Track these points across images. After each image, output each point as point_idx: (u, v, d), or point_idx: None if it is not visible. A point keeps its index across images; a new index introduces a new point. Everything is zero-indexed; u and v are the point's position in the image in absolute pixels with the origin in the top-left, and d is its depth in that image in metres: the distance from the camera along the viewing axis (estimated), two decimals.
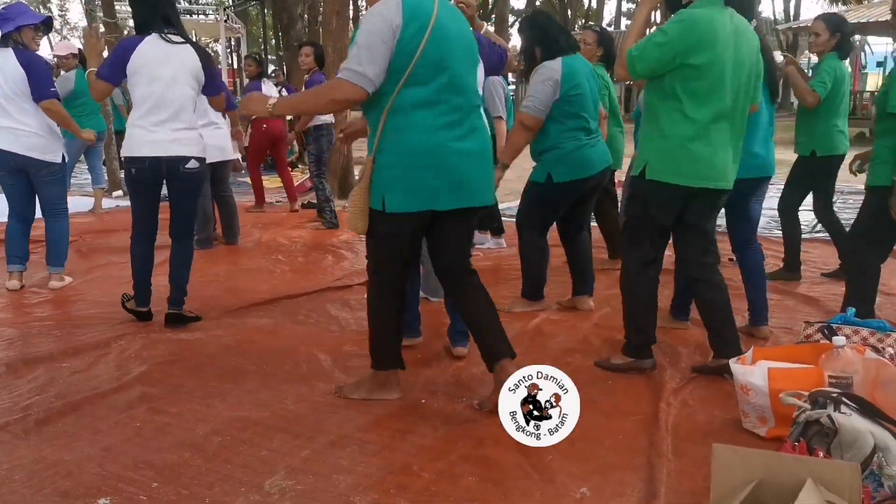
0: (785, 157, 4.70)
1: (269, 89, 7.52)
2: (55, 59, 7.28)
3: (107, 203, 7.95)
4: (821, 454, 1.99)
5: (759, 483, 1.69)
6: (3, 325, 3.81)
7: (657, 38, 2.81)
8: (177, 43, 3.57)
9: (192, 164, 3.65)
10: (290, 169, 10.21)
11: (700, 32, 2.77)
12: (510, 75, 21.16)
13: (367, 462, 2.36)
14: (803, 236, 4.94)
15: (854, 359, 2.44)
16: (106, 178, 8.31)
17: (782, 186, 4.78)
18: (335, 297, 4.38)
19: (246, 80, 9.20)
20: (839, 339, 2.51)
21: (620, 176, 5.48)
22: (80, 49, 6.79)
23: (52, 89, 4.23)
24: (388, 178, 2.52)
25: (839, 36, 4.38)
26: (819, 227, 6.50)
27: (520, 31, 3.96)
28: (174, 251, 3.81)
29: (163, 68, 3.53)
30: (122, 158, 3.71)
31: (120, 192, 8.62)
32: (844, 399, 2.14)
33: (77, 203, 7.77)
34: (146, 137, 3.56)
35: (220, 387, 2.99)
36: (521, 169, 4.29)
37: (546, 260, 4.11)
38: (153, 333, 3.66)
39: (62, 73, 6.97)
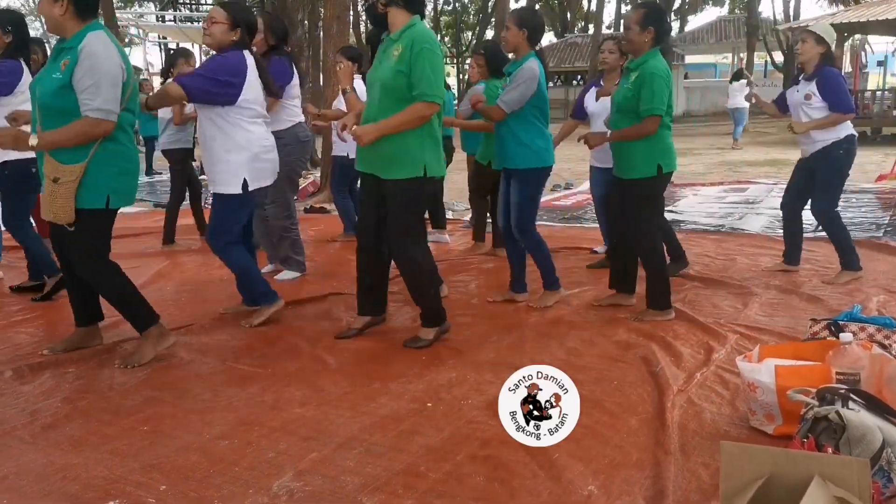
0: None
1: None
2: None
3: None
4: (829, 450, 1.98)
5: (769, 479, 1.68)
6: (8, 331, 3.82)
7: None
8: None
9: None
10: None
11: None
12: None
13: (374, 463, 2.36)
14: (806, 235, 5.00)
15: (861, 355, 2.43)
16: None
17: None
18: (339, 301, 4.38)
19: None
20: (846, 336, 2.51)
21: None
22: None
23: None
24: (111, 181, 3.09)
25: (626, 59, 4.41)
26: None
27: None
28: None
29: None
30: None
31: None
32: (852, 395, 2.14)
33: None
34: None
35: (226, 390, 2.99)
36: None
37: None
38: None
39: None
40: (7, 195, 4.31)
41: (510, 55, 4.10)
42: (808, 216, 4.85)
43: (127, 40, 24.80)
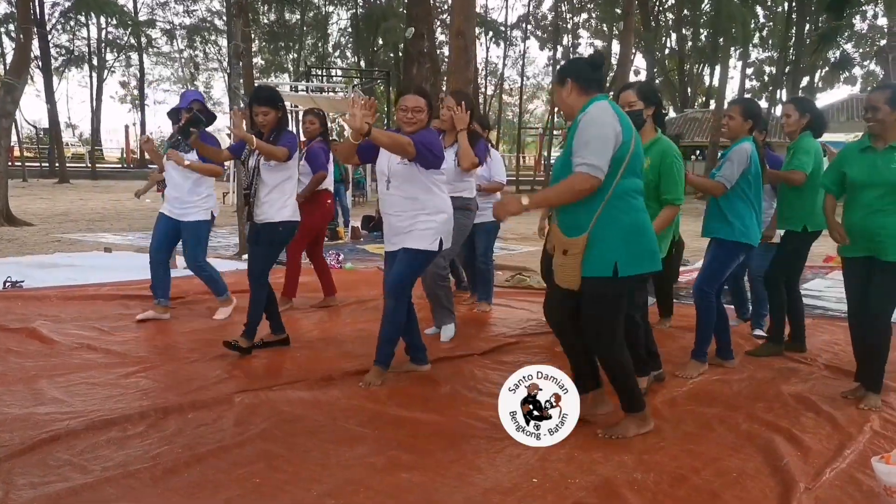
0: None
1: None
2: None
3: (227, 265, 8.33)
4: None
5: None
6: (137, 376, 4.05)
7: None
8: None
9: None
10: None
11: None
12: None
13: None
14: None
15: None
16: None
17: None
18: (473, 362, 4.36)
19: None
20: None
21: None
22: None
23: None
24: (615, 248, 3.01)
25: (809, 116, 4.63)
26: None
27: None
28: None
29: None
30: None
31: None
32: None
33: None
34: None
35: (336, 449, 3.03)
36: None
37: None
38: (272, 392, 3.77)
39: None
40: (271, 251, 4.58)
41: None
42: None
43: None
